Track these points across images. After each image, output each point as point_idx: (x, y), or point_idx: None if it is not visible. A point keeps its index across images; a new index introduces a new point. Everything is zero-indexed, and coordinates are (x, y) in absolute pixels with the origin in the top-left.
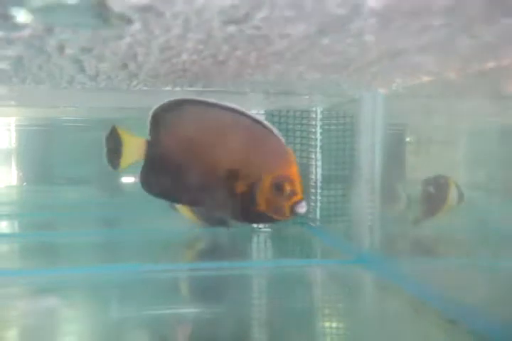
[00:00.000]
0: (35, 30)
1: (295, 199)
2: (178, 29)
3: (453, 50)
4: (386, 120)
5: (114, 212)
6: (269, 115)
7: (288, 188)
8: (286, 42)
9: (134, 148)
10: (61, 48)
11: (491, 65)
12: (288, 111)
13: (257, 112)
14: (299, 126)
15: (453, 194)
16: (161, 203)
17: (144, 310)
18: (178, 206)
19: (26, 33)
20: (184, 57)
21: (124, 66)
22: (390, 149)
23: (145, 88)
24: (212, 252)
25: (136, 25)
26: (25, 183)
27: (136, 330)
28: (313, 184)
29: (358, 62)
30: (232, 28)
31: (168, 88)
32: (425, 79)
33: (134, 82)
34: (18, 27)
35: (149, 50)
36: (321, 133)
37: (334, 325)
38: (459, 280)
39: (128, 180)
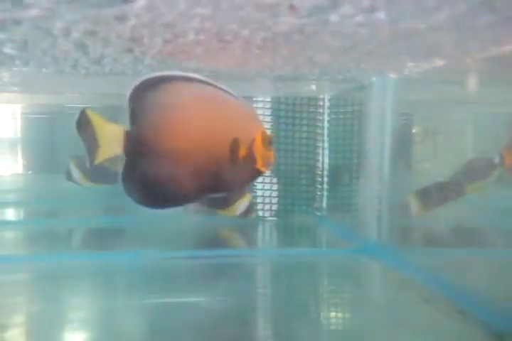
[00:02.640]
0: (42, 9)
1: (272, 147)
2: (184, 4)
3: (471, 29)
4: (396, 107)
5: (118, 200)
6: (276, 102)
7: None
8: (295, 19)
9: (111, 138)
10: (67, 30)
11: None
12: (295, 99)
13: (263, 99)
14: (306, 114)
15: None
16: None
17: (146, 298)
18: None
19: (33, 12)
20: (191, 36)
21: (129, 50)
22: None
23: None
24: (218, 240)
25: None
26: (30, 171)
27: (138, 318)
28: (319, 172)
29: (367, 43)
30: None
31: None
32: (439, 63)
33: (140, 67)
34: (25, 6)
35: (154, 31)
36: (328, 121)
37: (340, 314)
38: (469, 271)
39: None
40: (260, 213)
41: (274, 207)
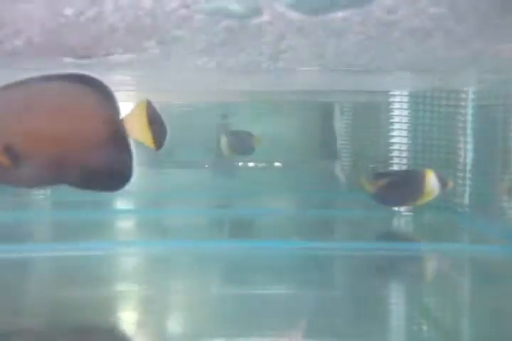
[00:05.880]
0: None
1: None
2: None
3: None
4: None
5: (227, 193)
6: (413, 96)
7: None
8: None
9: None
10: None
11: None
12: (434, 92)
13: (400, 93)
14: (445, 108)
15: None
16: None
17: (244, 288)
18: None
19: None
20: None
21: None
22: None
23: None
24: (355, 233)
25: None
26: (142, 166)
27: (238, 306)
28: (461, 167)
29: None
30: None
31: (306, 68)
32: None
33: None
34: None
35: None
36: (472, 115)
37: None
38: None
39: (243, 163)
40: (396, 207)
41: None
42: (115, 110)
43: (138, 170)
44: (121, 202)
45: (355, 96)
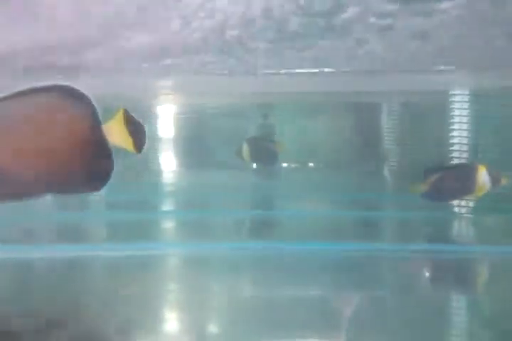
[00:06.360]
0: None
1: None
2: None
3: None
4: None
5: (268, 194)
6: (474, 95)
7: None
8: None
9: None
10: None
11: None
12: (495, 91)
13: (462, 92)
14: (507, 107)
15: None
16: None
17: (291, 290)
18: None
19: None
20: None
21: None
22: None
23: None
24: (414, 235)
25: None
26: (184, 168)
27: (272, 310)
28: None
29: None
30: None
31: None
32: None
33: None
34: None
35: None
36: None
37: None
38: None
39: (284, 164)
40: (456, 209)
41: (471, 204)
42: (95, 120)
43: (179, 172)
44: (168, 202)
45: (410, 96)
